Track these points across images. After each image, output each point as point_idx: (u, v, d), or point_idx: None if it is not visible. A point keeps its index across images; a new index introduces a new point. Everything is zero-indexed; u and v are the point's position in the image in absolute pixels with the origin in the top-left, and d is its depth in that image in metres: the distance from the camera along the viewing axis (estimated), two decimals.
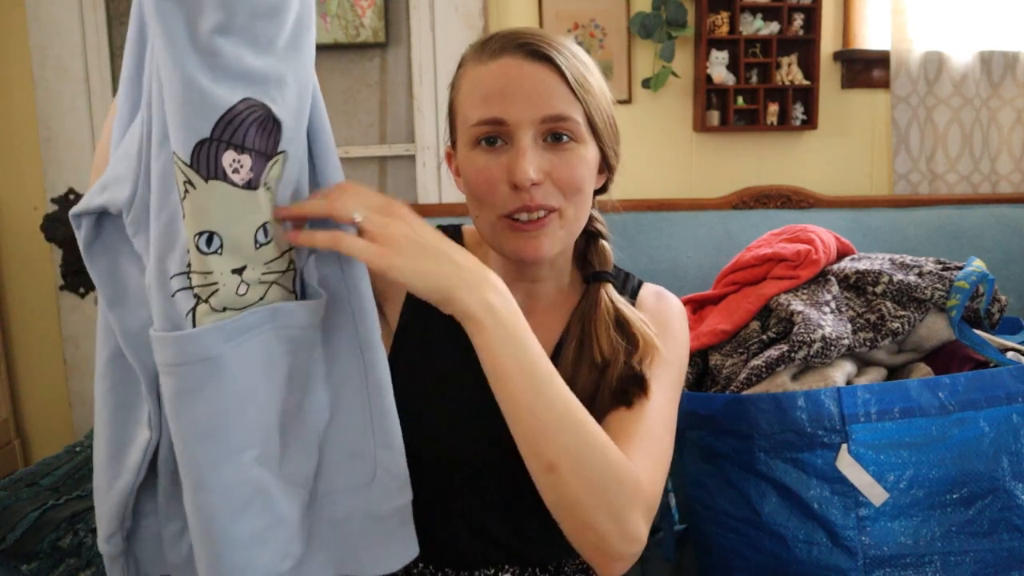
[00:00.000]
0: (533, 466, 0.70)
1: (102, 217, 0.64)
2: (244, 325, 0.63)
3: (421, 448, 0.83)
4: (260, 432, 0.66)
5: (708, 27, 2.02)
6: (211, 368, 0.62)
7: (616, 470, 0.70)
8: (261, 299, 0.65)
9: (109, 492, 0.68)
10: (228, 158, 0.59)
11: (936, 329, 1.02)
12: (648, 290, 0.93)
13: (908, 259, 1.09)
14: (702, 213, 1.82)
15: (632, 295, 0.92)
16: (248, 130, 0.59)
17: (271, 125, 0.61)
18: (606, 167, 0.86)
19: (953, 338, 1.01)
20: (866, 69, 2.16)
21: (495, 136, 0.78)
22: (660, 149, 2.14)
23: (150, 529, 0.73)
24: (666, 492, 1.20)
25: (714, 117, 2.08)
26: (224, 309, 0.62)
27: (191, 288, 0.61)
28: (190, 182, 0.59)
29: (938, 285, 1.01)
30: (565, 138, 0.78)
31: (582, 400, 0.80)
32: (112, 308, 0.65)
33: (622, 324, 0.84)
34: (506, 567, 0.88)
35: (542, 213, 0.79)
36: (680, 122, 2.13)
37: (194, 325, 0.62)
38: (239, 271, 0.62)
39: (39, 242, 2.08)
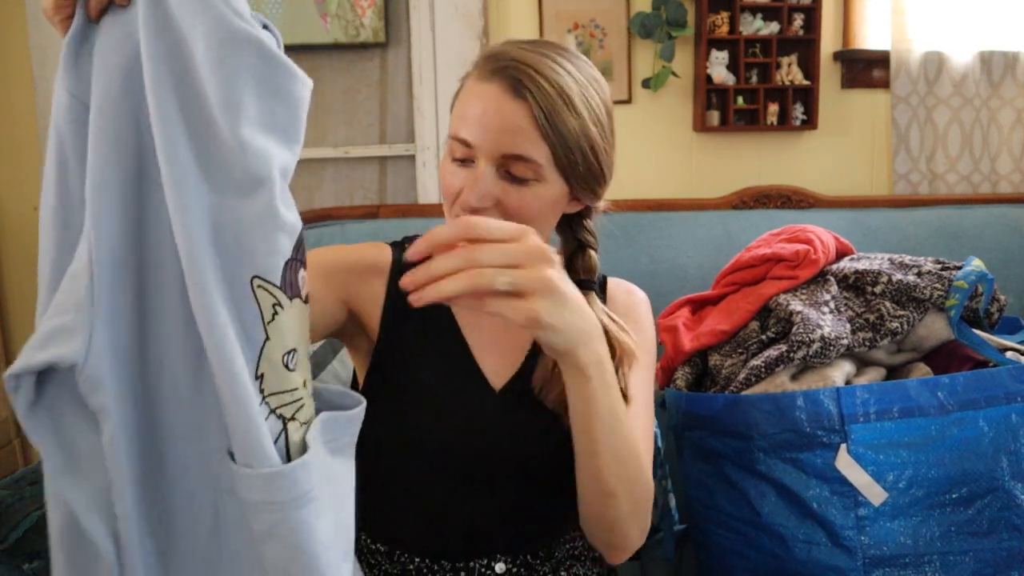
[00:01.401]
0: (593, 489, 0.76)
1: (44, 376, 0.58)
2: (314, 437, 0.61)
3: (411, 448, 0.86)
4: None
5: (708, 27, 2.02)
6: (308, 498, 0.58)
7: (650, 489, 0.79)
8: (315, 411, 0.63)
9: None
10: (301, 274, 0.61)
11: (935, 329, 1.02)
12: (616, 285, 0.96)
13: (907, 259, 1.09)
14: (702, 213, 1.82)
15: (601, 287, 0.94)
16: (305, 246, 0.61)
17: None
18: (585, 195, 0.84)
19: (952, 338, 1.01)
20: (866, 69, 2.16)
21: (464, 156, 0.80)
22: (660, 149, 2.14)
23: None
24: (666, 492, 1.20)
25: (714, 117, 2.08)
26: (305, 423, 0.60)
27: (273, 411, 0.58)
28: (279, 303, 0.59)
29: (937, 285, 1.01)
30: (522, 177, 0.78)
31: (559, 409, 0.83)
32: (63, 475, 0.57)
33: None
34: (499, 556, 0.88)
35: None
36: (680, 122, 2.13)
37: (288, 447, 0.58)
38: (304, 384, 0.61)
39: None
